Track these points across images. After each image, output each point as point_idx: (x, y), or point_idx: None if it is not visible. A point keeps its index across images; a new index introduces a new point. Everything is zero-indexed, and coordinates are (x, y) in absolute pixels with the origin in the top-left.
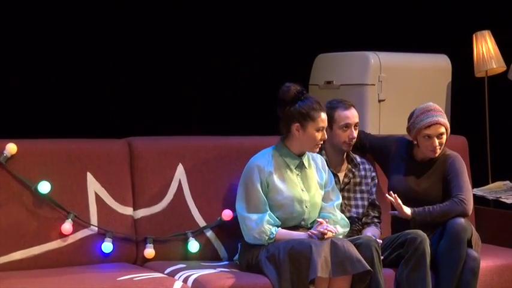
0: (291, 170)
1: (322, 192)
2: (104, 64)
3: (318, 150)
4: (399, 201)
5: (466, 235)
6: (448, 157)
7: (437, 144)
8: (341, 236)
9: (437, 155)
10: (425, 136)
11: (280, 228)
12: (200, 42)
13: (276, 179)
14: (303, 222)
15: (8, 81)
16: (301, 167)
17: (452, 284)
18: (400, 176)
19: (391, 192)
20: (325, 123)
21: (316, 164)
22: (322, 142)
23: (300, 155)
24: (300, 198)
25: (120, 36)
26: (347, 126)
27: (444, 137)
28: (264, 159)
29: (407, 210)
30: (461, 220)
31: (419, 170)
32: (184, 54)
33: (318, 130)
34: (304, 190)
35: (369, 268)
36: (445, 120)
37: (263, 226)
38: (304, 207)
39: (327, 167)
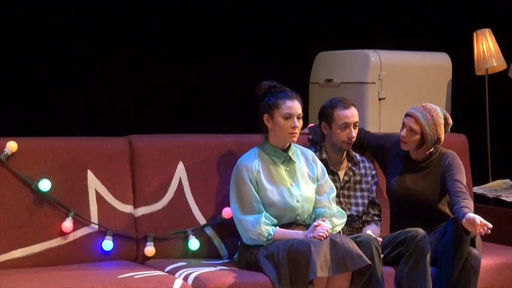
0: (278, 165)
1: (315, 186)
2: (105, 62)
3: (294, 139)
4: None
5: (470, 233)
6: (444, 155)
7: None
8: (339, 227)
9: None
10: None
11: (277, 227)
12: (200, 40)
13: (264, 177)
14: (298, 218)
15: (9, 79)
16: (288, 161)
17: (451, 280)
18: (398, 175)
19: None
20: (292, 110)
21: (306, 158)
22: (296, 131)
23: (285, 150)
24: (291, 193)
25: (120, 35)
26: (346, 125)
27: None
28: (250, 159)
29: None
30: None
31: (416, 170)
32: (185, 53)
33: (284, 117)
34: (294, 185)
35: (370, 263)
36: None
37: (260, 228)
38: (296, 201)
39: (318, 160)
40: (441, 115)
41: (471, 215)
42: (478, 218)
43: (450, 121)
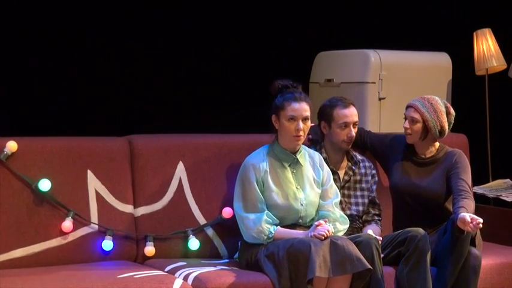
0: (285, 167)
1: (319, 190)
2: (104, 62)
3: (299, 143)
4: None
5: (470, 233)
6: (451, 153)
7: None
8: (341, 233)
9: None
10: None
11: (279, 227)
12: (200, 40)
13: (270, 177)
14: (300, 221)
15: (8, 79)
16: (295, 164)
17: (451, 280)
18: (402, 171)
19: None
20: (296, 113)
21: (313, 161)
22: (300, 134)
23: (294, 152)
24: (295, 196)
25: (120, 34)
26: (345, 125)
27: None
28: (258, 158)
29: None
30: None
31: (422, 165)
32: (185, 53)
33: (288, 119)
34: (299, 188)
35: (369, 267)
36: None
37: (261, 226)
38: (300, 204)
39: (325, 165)
40: (441, 103)
41: (463, 214)
42: (469, 216)
43: (452, 111)
